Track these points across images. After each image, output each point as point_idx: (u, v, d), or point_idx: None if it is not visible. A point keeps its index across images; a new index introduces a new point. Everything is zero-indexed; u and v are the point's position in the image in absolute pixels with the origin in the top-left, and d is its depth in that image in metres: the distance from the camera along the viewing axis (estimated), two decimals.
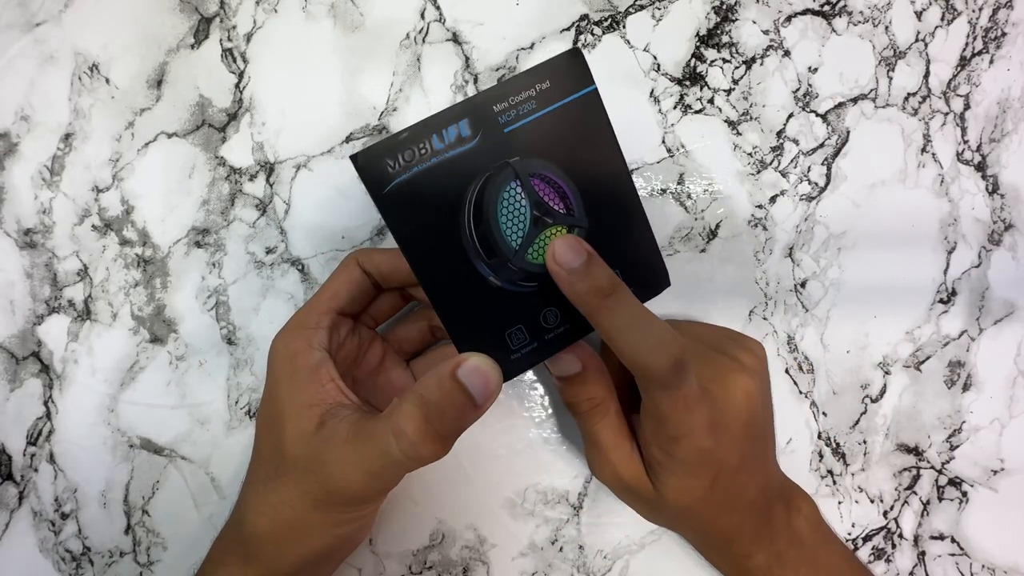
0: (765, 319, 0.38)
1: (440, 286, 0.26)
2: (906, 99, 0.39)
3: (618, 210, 0.28)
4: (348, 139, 0.38)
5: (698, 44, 0.39)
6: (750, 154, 0.38)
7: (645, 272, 0.29)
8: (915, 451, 0.39)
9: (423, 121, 0.25)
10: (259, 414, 0.31)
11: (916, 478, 0.38)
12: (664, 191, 0.38)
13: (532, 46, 0.38)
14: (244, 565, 0.28)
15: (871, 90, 0.39)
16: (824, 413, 0.39)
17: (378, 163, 0.24)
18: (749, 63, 0.39)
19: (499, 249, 0.26)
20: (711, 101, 0.38)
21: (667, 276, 0.29)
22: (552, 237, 0.26)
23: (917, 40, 0.39)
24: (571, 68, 0.26)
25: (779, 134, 0.39)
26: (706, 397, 0.28)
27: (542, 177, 0.26)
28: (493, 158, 0.25)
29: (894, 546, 0.38)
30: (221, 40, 0.38)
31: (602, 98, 0.26)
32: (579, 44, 0.38)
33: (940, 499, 0.38)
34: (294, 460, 0.27)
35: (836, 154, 0.39)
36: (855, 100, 0.39)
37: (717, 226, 0.38)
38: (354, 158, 0.24)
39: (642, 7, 0.38)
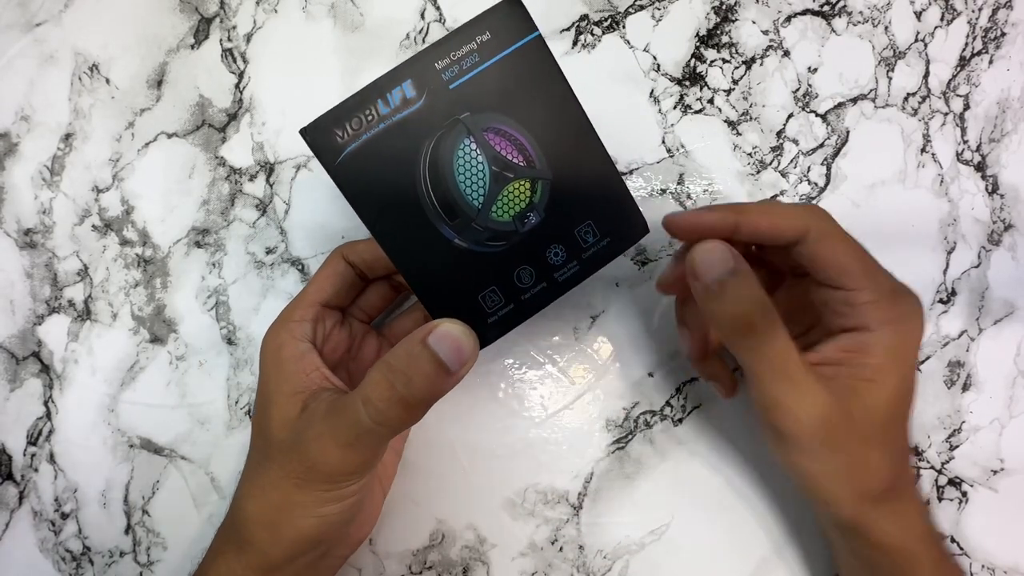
0: None
1: (405, 253, 0.26)
2: (906, 99, 0.39)
3: (581, 157, 0.26)
4: None
5: (698, 44, 0.39)
6: (750, 154, 0.38)
7: (619, 220, 0.27)
8: (915, 451, 0.39)
9: (366, 87, 0.24)
10: (254, 407, 0.31)
11: (916, 478, 0.38)
12: (664, 191, 0.38)
13: None
14: (239, 552, 0.28)
15: (871, 90, 0.39)
16: None
17: (327, 134, 0.24)
18: (749, 63, 0.39)
19: (461, 210, 0.26)
20: (711, 101, 0.38)
21: (644, 222, 0.28)
22: (515, 192, 0.26)
23: (917, 40, 0.39)
24: (510, 17, 0.25)
25: (779, 134, 0.39)
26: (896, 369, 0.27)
27: (497, 131, 0.25)
28: (442, 116, 0.25)
29: None
30: (221, 40, 0.38)
31: (547, 44, 0.25)
32: (579, 43, 0.38)
33: (940, 499, 0.38)
34: (279, 444, 0.27)
35: (836, 154, 0.39)
36: (855, 100, 0.39)
37: None
38: (303, 131, 0.24)
39: (642, 7, 0.38)
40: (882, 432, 0.27)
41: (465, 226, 0.26)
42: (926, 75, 0.39)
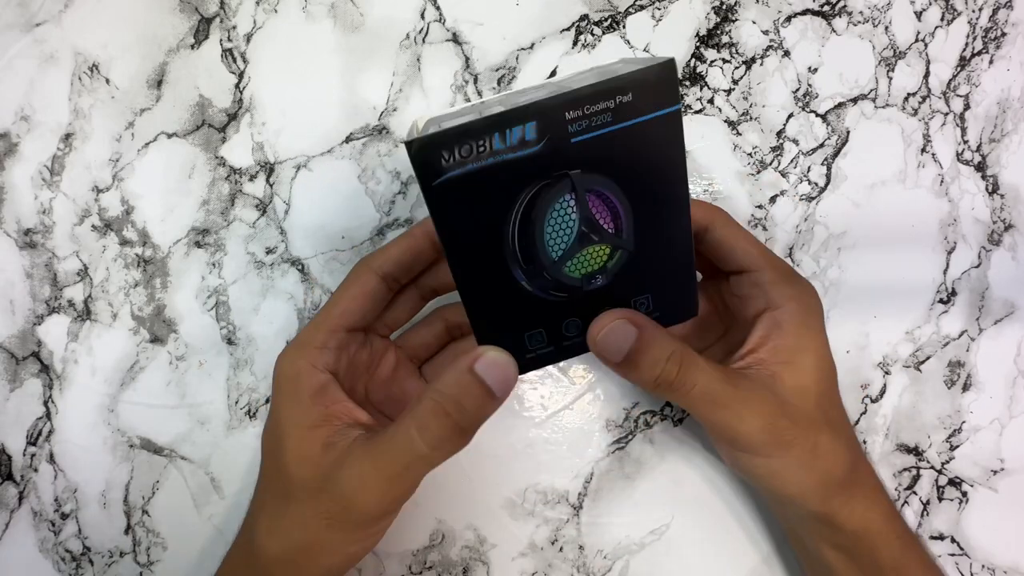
0: None
1: (472, 282, 0.26)
2: (906, 99, 0.39)
3: (668, 238, 0.26)
4: (348, 139, 0.38)
5: (698, 44, 0.39)
6: (750, 154, 0.38)
7: (675, 299, 0.28)
8: (915, 451, 0.39)
9: (487, 117, 0.23)
10: (264, 432, 0.30)
11: (916, 478, 0.38)
12: None
13: (532, 46, 0.38)
14: None
15: (871, 90, 0.39)
16: None
17: (432, 154, 0.23)
18: (749, 63, 0.39)
19: (538, 258, 0.26)
20: (711, 101, 0.38)
21: (696, 306, 0.28)
22: (593, 254, 0.26)
23: (917, 40, 0.39)
24: (660, 83, 0.24)
25: (779, 134, 0.39)
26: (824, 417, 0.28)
27: (598, 193, 0.25)
28: (552, 167, 0.24)
29: None
30: (221, 40, 0.38)
31: (682, 119, 0.25)
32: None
33: (940, 499, 0.38)
34: (302, 482, 0.26)
35: (836, 154, 0.39)
36: (855, 100, 0.39)
37: None
38: (408, 145, 0.23)
39: (642, 7, 0.38)
40: (818, 411, 0.28)
41: (536, 273, 0.26)
42: (926, 75, 0.39)
